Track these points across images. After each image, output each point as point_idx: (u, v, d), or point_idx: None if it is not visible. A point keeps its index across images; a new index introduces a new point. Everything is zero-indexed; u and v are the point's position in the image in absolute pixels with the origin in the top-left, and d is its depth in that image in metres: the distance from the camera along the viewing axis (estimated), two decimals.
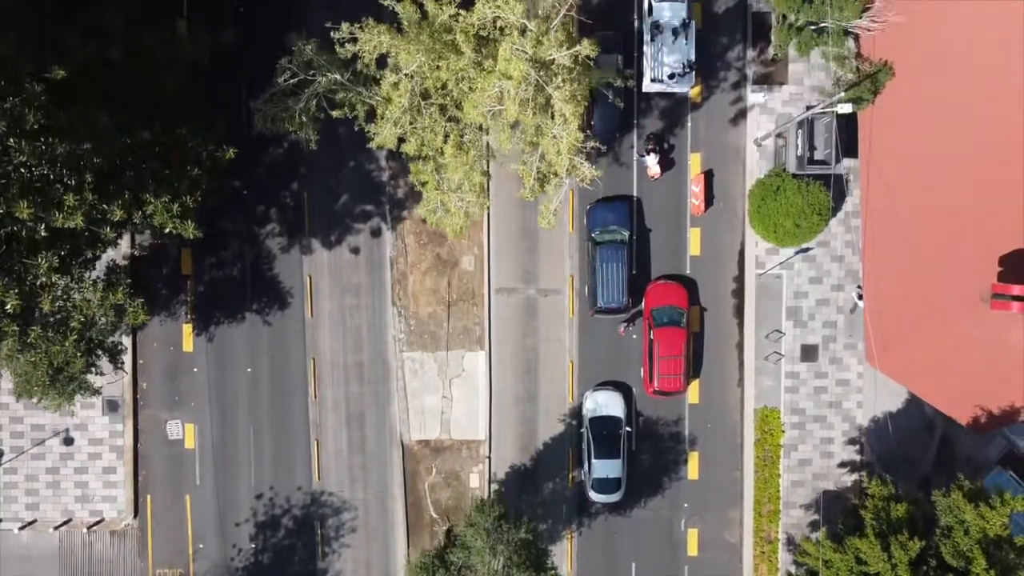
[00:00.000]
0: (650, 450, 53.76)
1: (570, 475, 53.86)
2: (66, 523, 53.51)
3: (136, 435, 53.38)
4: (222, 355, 53.23)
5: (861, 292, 51.42)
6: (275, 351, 53.33)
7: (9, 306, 37.50)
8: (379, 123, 42.30)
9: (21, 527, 53.21)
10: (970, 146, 48.19)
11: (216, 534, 53.57)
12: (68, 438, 53.20)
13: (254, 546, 53.65)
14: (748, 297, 53.22)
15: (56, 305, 39.85)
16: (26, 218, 35.71)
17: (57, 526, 53.39)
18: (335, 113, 43.30)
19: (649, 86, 51.20)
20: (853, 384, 53.39)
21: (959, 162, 48.41)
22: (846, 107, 45.91)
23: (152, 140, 42.14)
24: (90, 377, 45.58)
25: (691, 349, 52.89)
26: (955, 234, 48.38)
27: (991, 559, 43.72)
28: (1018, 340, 48.14)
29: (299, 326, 53.28)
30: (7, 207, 35.57)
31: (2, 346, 40.81)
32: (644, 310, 52.39)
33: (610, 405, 52.38)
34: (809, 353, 53.40)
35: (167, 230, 42.17)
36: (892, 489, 48.49)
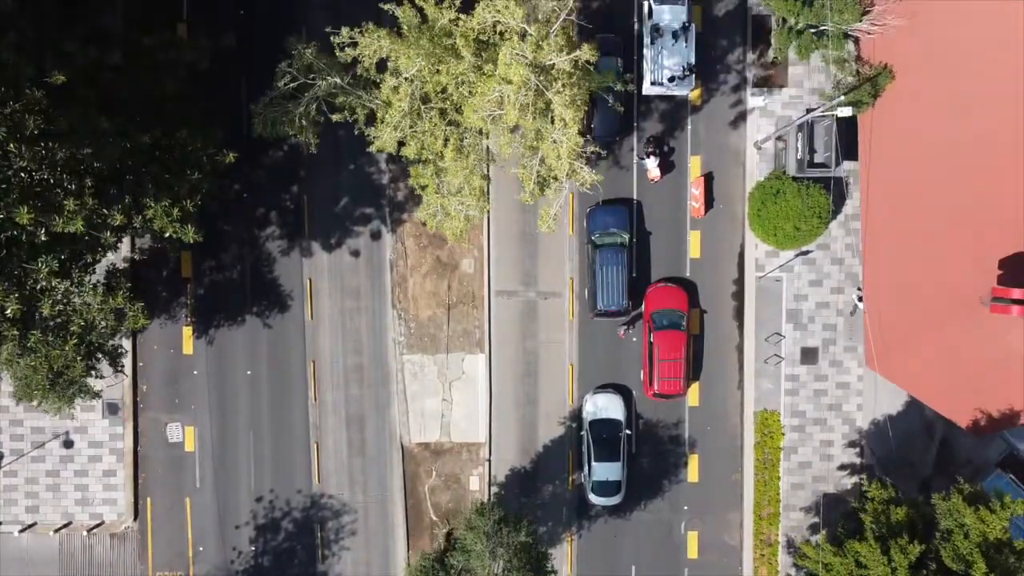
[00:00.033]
0: (650, 453, 53.77)
1: (570, 478, 53.87)
2: (66, 526, 53.53)
3: (136, 438, 53.40)
4: (222, 358, 53.24)
5: (861, 294, 51.42)
6: (275, 354, 53.35)
7: (9, 310, 37.55)
8: (379, 127, 42.32)
9: (21, 530, 53.23)
10: (970, 149, 48.21)
11: (216, 537, 53.59)
12: (68, 441, 53.21)
13: (254, 549, 53.67)
14: (748, 300, 53.22)
15: (56, 309, 39.90)
16: (26, 223, 35.68)
17: (57, 529, 53.41)
18: (335, 117, 43.36)
19: (649, 89, 51.20)
20: (853, 387, 53.40)
21: (959, 165, 48.43)
22: (846, 110, 45.93)
23: (152, 144, 42.14)
24: (90, 381, 45.52)
25: (691, 352, 52.90)
26: (955, 237, 48.42)
27: (991, 563, 43.67)
28: (1018, 343, 48.19)
29: (299, 329, 53.29)
30: (7, 212, 35.56)
31: (2, 350, 40.81)
32: (644, 313, 52.39)
33: (610, 408, 52.39)
34: (809, 356, 53.40)
35: (167, 234, 42.17)
36: (892, 492, 48.51)
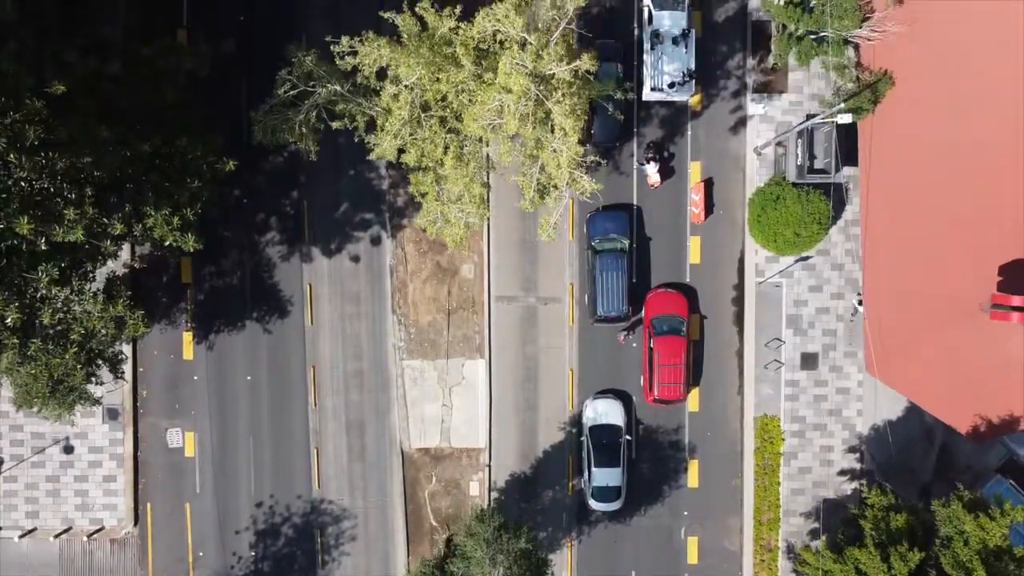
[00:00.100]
0: (650, 458, 53.80)
1: (570, 483, 53.90)
2: (66, 531, 53.56)
3: (136, 443, 53.41)
4: (222, 363, 53.25)
5: (861, 298, 51.43)
6: (275, 359, 53.36)
7: (9, 319, 37.49)
8: (379, 135, 42.32)
9: (21, 535, 53.26)
10: (970, 155, 48.21)
11: (216, 542, 53.62)
12: (68, 446, 53.23)
13: (254, 554, 53.71)
14: (748, 305, 53.23)
15: (56, 318, 39.89)
16: (26, 233, 35.65)
17: (57, 534, 53.43)
18: (335, 124, 43.36)
19: (649, 95, 51.18)
20: (853, 392, 53.42)
21: (959, 171, 48.43)
22: (846, 117, 45.91)
23: (152, 152, 42.11)
24: (90, 387, 45.51)
25: (691, 357, 52.92)
26: (955, 244, 48.41)
27: (991, 570, 43.73)
28: (1018, 349, 48.21)
29: (299, 334, 53.30)
30: (7, 222, 35.52)
31: (2, 358, 40.80)
32: (644, 318, 52.40)
33: (610, 413, 52.40)
34: (809, 361, 53.42)
35: (167, 243, 42.16)
36: (892, 499, 48.56)
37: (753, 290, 53.11)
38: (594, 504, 52.69)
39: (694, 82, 50.80)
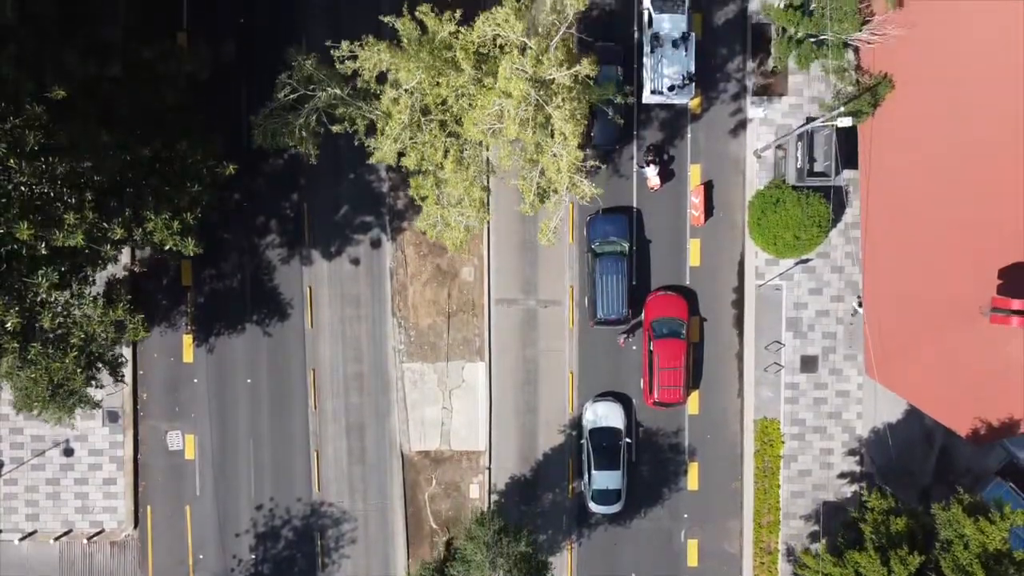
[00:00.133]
0: (650, 461, 53.81)
1: (570, 486, 53.91)
2: (66, 534, 53.57)
3: (136, 446, 53.43)
4: (222, 366, 53.25)
5: (861, 301, 51.44)
6: (275, 362, 53.36)
7: (9, 324, 37.54)
8: (379, 138, 42.33)
9: (21, 538, 53.26)
10: (970, 159, 48.24)
11: (216, 545, 53.63)
12: (68, 449, 53.24)
13: (254, 557, 53.72)
14: (748, 308, 53.23)
15: (56, 322, 39.90)
16: (26, 238, 35.67)
17: (57, 537, 53.44)
18: (335, 128, 43.35)
19: (649, 98, 51.16)
20: (853, 395, 53.43)
21: (959, 174, 48.46)
22: (846, 120, 45.90)
23: (152, 156, 42.11)
24: (90, 390, 45.54)
25: (691, 360, 52.93)
26: (955, 246, 48.45)
27: (991, 573, 43.71)
28: (1017, 353, 48.23)
29: (299, 337, 53.30)
30: (8, 227, 35.55)
31: (3, 363, 40.81)
32: (644, 321, 52.40)
33: (610, 416, 52.40)
34: (809, 364, 53.43)
35: (167, 247, 42.17)
36: (892, 502, 48.53)
37: (753, 293, 53.12)
38: (594, 507, 52.70)
39: (694, 85, 50.79)
